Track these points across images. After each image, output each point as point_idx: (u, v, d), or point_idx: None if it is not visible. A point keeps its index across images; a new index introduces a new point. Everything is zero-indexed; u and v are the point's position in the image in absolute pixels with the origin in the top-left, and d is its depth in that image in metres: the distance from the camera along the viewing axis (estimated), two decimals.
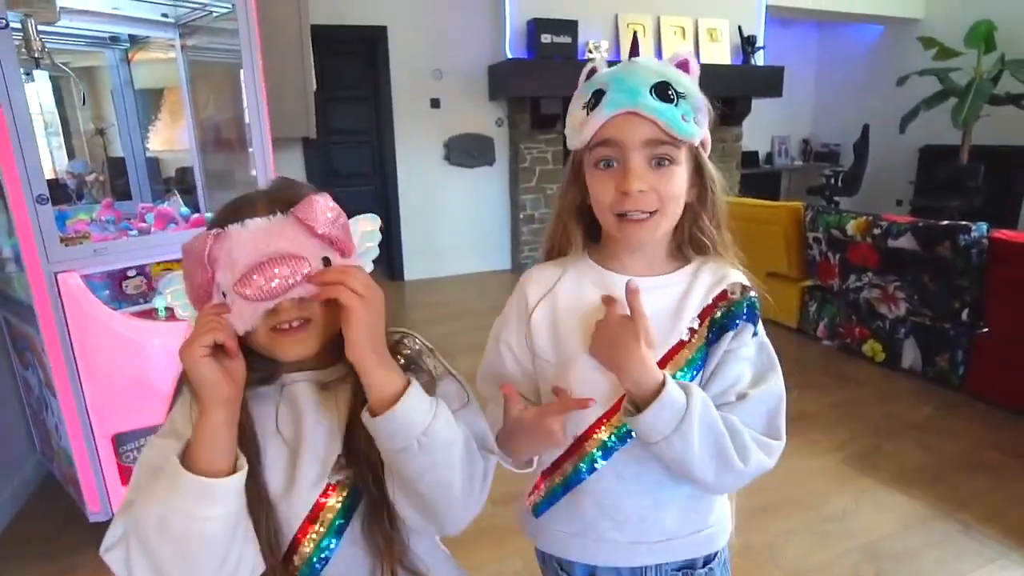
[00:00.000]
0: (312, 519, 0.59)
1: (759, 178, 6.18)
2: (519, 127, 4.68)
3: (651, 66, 0.67)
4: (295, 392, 0.61)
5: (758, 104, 5.34)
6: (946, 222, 2.50)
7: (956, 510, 1.81)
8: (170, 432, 0.59)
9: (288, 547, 0.60)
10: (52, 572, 1.62)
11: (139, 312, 1.67)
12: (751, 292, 0.71)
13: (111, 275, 1.65)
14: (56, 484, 1.95)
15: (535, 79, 4.34)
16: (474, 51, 4.58)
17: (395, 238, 4.69)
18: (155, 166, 2.54)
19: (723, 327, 0.69)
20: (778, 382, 0.69)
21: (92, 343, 1.57)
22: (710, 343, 0.69)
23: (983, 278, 2.41)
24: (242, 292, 0.52)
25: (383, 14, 4.33)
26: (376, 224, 0.63)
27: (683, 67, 0.68)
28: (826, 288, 3.12)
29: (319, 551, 0.60)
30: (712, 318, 0.69)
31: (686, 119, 0.65)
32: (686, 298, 0.71)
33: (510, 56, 4.41)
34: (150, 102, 2.47)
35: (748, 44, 5.11)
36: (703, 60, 4.89)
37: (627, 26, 4.69)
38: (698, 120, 0.67)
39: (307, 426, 0.60)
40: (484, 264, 5.03)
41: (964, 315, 2.49)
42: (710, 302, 0.70)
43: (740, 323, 0.69)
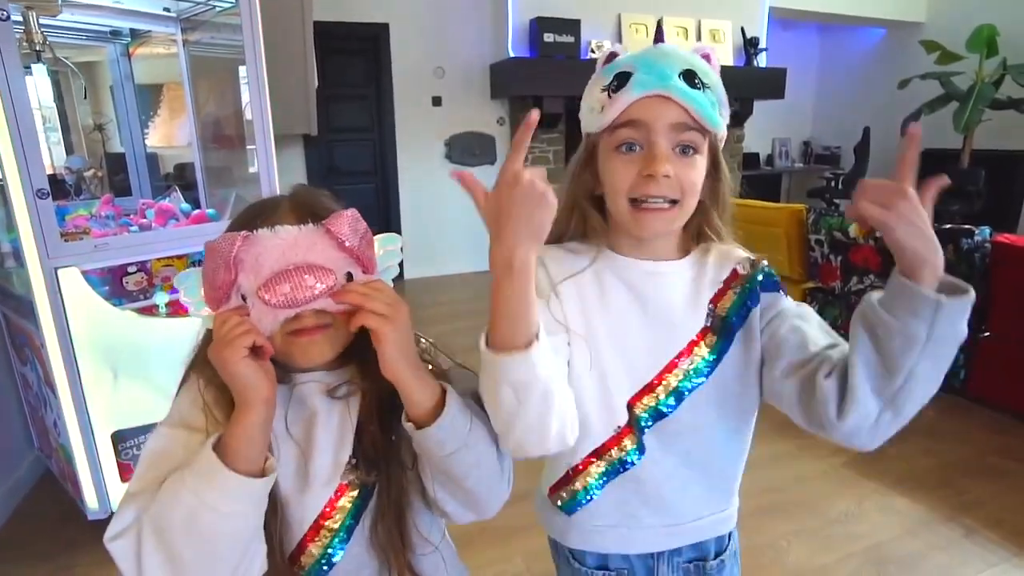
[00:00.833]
0: (323, 519, 0.59)
1: (759, 180, 6.17)
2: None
3: (678, 53, 0.65)
4: (305, 393, 0.61)
5: (759, 106, 5.34)
6: (949, 226, 2.49)
7: (960, 514, 1.80)
8: (179, 422, 0.58)
9: (296, 547, 0.59)
10: (50, 569, 1.60)
11: (139, 308, 1.66)
12: (762, 262, 0.69)
13: (111, 271, 1.63)
14: (54, 481, 1.94)
15: (537, 78, 4.32)
16: (476, 49, 4.57)
17: None
18: (155, 162, 2.52)
19: (744, 307, 0.67)
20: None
21: (91, 339, 1.55)
22: (735, 326, 0.68)
23: (986, 282, 2.41)
24: (266, 298, 0.52)
25: (385, 11, 4.32)
26: (398, 244, 0.64)
27: (705, 59, 0.67)
28: (828, 290, 3.11)
29: (327, 551, 0.60)
30: (727, 305, 0.68)
31: (713, 107, 0.64)
32: (698, 282, 0.70)
33: (512, 55, 4.40)
34: (150, 97, 2.46)
35: (751, 45, 5.11)
36: None
37: (630, 26, 4.69)
38: (722, 112, 0.66)
39: (318, 427, 0.61)
40: (484, 264, 4.93)
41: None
42: (721, 284, 0.69)
43: (761, 295, 0.68)
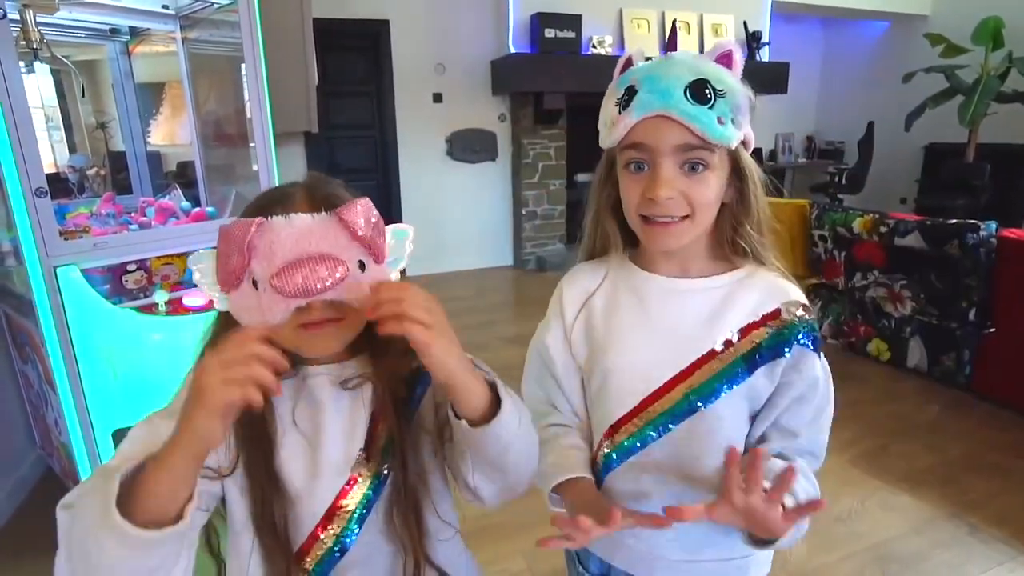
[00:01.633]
0: (335, 509, 0.60)
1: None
2: (522, 122, 4.65)
3: (688, 62, 0.62)
4: (315, 385, 0.62)
5: (762, 100, 5.23)
6: (954, 221, 2.48)
7: (964, 512, 1.79)
8: (172, 413, 0.57)
9: (307, 538, 0.60)
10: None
11: (139, 306, 1.66)
12: (810, 316, 0.66)
13: (111, 269, 1.63)
14: (57, 479, 1.94)
15: (538, 74, 4.30)
16: (477, 45, 4.55)
17: None
18: (156, 160, 2.52)
19: (774, 351, 0.64)
20: (830, 415, 0.69)
21: (91, 338, 1.55)
22: (754, 365, 0.65)
23: (991, 277, 2.39)
24: (278, 286, 0.52)
25: (385, 8, 4.30)
26: (409, 236, 0.62)
27: (725, 60, 0.62)
28: (831, 286, 3.10)
29: (339, 541, 0.60)
30: (759, 340, 0.65)
31: (723, 121, 0.60)
32: (726, 306, 0.67)
33: (513, 51, 4.37)
34: (151, 96, 2.45)
35: (753, 40, 5.07)
36: None
37: (631, 20, 4.66)
38: (737, 121, 0.61)
39: (328, 419, 0.61)
40: (486, 260, 5.02)
41: (971, 314, 2.47)
42: (758, 318, 0.66)
43: (796, 349, 0.64)
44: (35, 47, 1.62)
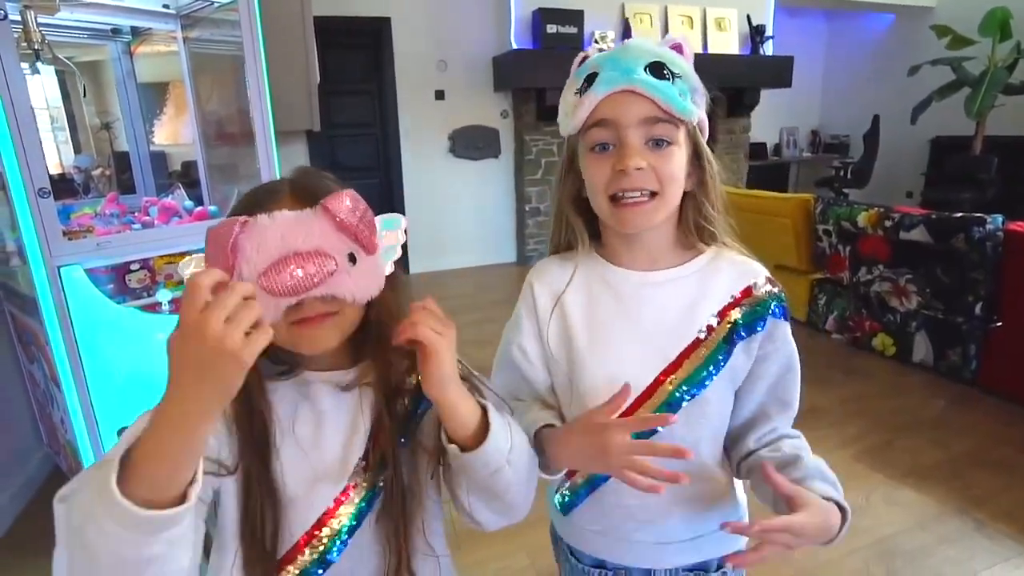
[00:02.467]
0: (326, 518, 0.59)
1: (767, 170, 6.11)
2: (524, 119, 4.63)
3: (644, 46, 0.65)
4: (315, 392, 0.61)
5: (766, 95, 5.27)
6: (960, 214, 2.45)
7: (970, 507, 1.78)
8: None
9: (291, 548, 0.59)
10: None
11: (143, 305, 1.67)
12: (778, 288, 0.69)
13: (114, 269, 1.64)
14: (64, 478, 1.95)
15: (540, 70, 4.29)
16: (479, 42, 4.54)
17: None
18: (160, 160, 2.53)
19: (749, 327, 0.67)
20: (797, 372, 0.71)
21: (95, 336, 1.56)
22: (733, 342, 0.67)
23: (998, 271, 2.37)
24: (266, 286, 0.51)
25: (387, 5, 4.30)
26: (402, 226, 0.62)
27: (677, 50, 0.66)
28: (836, 281, 3.08)
29: (327, 551, 0.59)
30: (736, 318, 0.67)
31: (683, 96, 0.62)
32: (702, 292, 0.68)
33: (515, 47, 4.36)
34: (154, 96, 2.46)
35: (757, 33, 5.04)
36: (711, 50, 4.91)
37: (634, 15, 4.63)
38: (695, 100, 0.64)
39: (327, 427, 0.60)
40: (489, 257, 5.02)
41: (978, 309, 2.45)
42: (732, 299, 0.68)
43: (770, 321, 0.67)
44: (37, 48, 1.62)
